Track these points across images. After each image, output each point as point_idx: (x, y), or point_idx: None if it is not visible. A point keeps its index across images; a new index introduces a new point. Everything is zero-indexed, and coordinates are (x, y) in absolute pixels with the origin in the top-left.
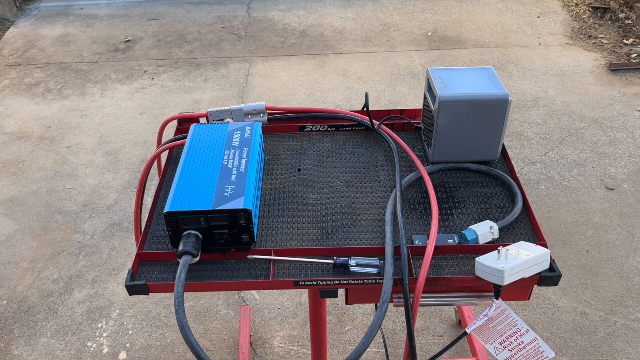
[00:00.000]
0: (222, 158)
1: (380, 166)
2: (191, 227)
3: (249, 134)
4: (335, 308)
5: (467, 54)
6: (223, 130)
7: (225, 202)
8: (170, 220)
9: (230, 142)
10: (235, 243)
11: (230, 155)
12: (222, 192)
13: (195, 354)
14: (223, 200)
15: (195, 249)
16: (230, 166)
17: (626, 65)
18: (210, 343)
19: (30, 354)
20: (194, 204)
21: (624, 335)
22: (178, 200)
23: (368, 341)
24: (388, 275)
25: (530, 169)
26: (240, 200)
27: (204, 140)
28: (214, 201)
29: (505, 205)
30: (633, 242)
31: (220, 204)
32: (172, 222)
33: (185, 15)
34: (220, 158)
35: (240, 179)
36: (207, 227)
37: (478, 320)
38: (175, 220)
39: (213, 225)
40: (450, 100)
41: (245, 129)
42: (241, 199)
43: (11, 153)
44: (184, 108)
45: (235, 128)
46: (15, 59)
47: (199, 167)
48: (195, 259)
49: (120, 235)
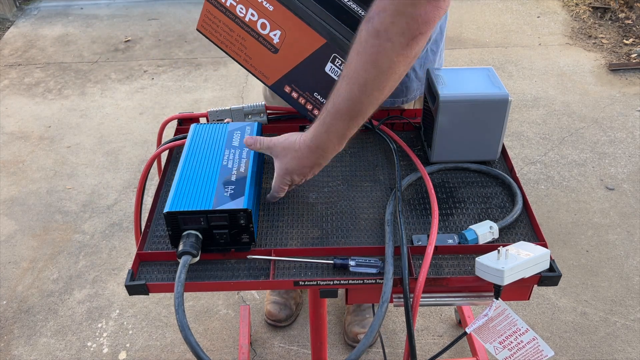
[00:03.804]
0: (222, 158)
1: (380, 166)
2: (191, 227)
3: (249, 134)
4: (335, 308)
5: (467, 54)
6: (223, 130)
7: (225, 202)
8: (170, 221)
9: (231, 142)
10: (236, 243)
11: (230, 156)
12: (222, 192)
13: (195, 354)
14: (223, 200)
15: (195, 249)
16: (230, 166)
17: (626, 65)
18: (210, 343)
19: (30, 354)
20: (194, 204)
21: (624, 335)
22: (178, 201)
23: (368, 341)
24: (388, 275)
25: (530, 169)
26: (241, 201)
27: (203, 140)
28: (214, 201)
29: (505, 205)
30: (633, 242)
31: (220, 204)
32: (172, 222)
33: (185, 15)
34: (220, 158)
35: (240, 179)
36: (207, 227)
37: (478, 320)
38: (175, 221)
39: (213, 225)
40: (450, 100)
41: (246, 129)
42: (241, 199)
43: (11, 153)
44: (184, 108)
45: (235, 128)
46: (15, 59)
47: (199, 167)
48: (195, 259)
49: (120, 235)
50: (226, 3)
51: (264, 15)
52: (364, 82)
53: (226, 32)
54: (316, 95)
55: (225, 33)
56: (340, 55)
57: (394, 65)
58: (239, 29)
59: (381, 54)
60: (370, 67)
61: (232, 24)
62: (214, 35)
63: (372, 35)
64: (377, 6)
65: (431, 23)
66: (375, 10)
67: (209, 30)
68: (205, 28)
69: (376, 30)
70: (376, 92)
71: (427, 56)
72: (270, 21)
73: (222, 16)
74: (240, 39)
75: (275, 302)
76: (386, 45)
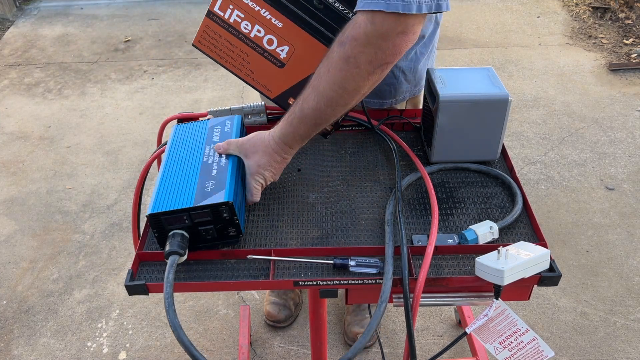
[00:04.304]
0: (203, 154)
1: (380, 166)
2: (176, 227)
3: (229, 128)
4: (335, 308)
5: (467, 54)
6: (204, 127)
7: (206, 198)
8: (154, 222)
9: (211, 138)
10: (223, 237)
11: (210, 151)
12: (202, 188)
13: (189, 354)
14: (204, 196)
15: (182, 248)
16: (210, 162)
17: (626, 65)
18: (210, 343)
19: (30, 354)
20: (176, 203)
21: (624, 335)
22: (160, 202)
23: (365, 340)
24: (388, 275)
25: (530, 169)
26: (222, 194)
27: (185, 140)
28: (195, 198)
29: (505, 206)
30: (633, 242)
31: (201, 200)
32: (156, 223)
33: (185, 15)
34: (201, 155)
35: (221, 173)
36: (192, 225)
37: (478, 320)
38: (159, 222)
39: (197, 222)
40: (450, 100)
41: (225, 123)
42: (222, 193)
43: (11, 153)
44: (184, 108)
45: (215, 124)
46: (15, 59)
47: (181, 166)
48: (182, 258)
49: (120, 235)
50: (230, 19)
51: (272, 31)
52: (330, 98)
53: (227, 48)
54: None
55: (226, 49)
56: None
57: (359, 88)
58: (242, 45)
59: (348, 78)
60: (337, 87)
61: (235, 40)
62: (212, 50)
63: (342, 59)
64: (350, 33)
65: (398, 54)
66: (348, 37)
67: (207, 46)
68: (203, 44)
69: (346, 55)
70: (340, 108)
71: (417, 58)
72: (278, 37)
73: (223, 32)
74: (243, 54)
75: (274, 303)
76: (353, 71)
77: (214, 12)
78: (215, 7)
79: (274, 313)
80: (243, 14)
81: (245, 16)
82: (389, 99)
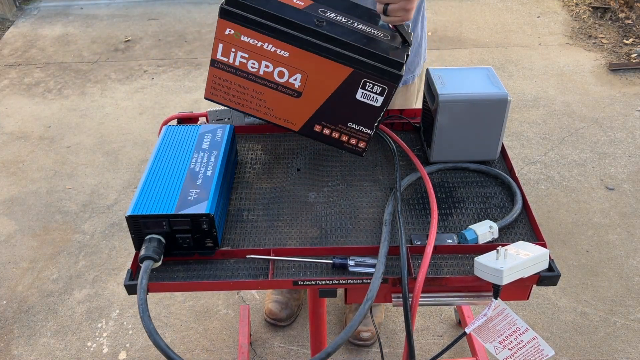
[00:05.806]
0: (190, 161)
1: (379, 166)
2: (154, 231)
3: (220, 137)
4: (335, 308)
5: (467, 53)
6: (194, 132)
7: (188, 207)
8: (133, 224)
9: (200, 145)
10: (199, 247)
11: (198, 159)
12: (186, 196)
13: (166, 356)
14: (186, 204)
15: (157, 253)
16: (197, 169)
17: (626, 65)
18: (210, 343)
19: (30, 354)
20: (157, 207)
21: (624, 335)
22: (141, 204)
23: (346, 335)
24: (377, 274)
25: (530, 168)
26: (204, 205)
27: (174, 143)
28: (177, 205)
29: (504, 205)
30: (633, 242)
31: (182, 208)
32: (134, 225)
33: (185, 15)
34: (188, 161)
35: (206, 183)
36: (170, 231)
37: (477, 320)
38: (138, 224)
39: (176, 229)
40: (449, 100)
41: (217, 132)
42: (204, 204)
43: (11, 153)
44: (184, 108)
45: (206, 130)
46: (15, 59)
47: (166, 170)
48: (157, 264)
49: (120, 235)
50: (235, 63)
51: (280, 63)
52: None
53: (239, 92)
54: (351, 125)
55: (239, 93)
56: (369, 78)
57: None
58: (253, 85)
59: None
60: None
61: (245, 82)
62: (225, 99)
63: None
64: None
65: None
66: None
67: (219, 96)
68: (214, 94)
69: None
70: None
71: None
72: (288, 67)
73: (231, 77)
74: (257, 94)
75: (277, 301)
76: None
77: (218, 59)
78: (218, 55)
79: (276, 311)
80: (247, 54)
81: (249, 55)
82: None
